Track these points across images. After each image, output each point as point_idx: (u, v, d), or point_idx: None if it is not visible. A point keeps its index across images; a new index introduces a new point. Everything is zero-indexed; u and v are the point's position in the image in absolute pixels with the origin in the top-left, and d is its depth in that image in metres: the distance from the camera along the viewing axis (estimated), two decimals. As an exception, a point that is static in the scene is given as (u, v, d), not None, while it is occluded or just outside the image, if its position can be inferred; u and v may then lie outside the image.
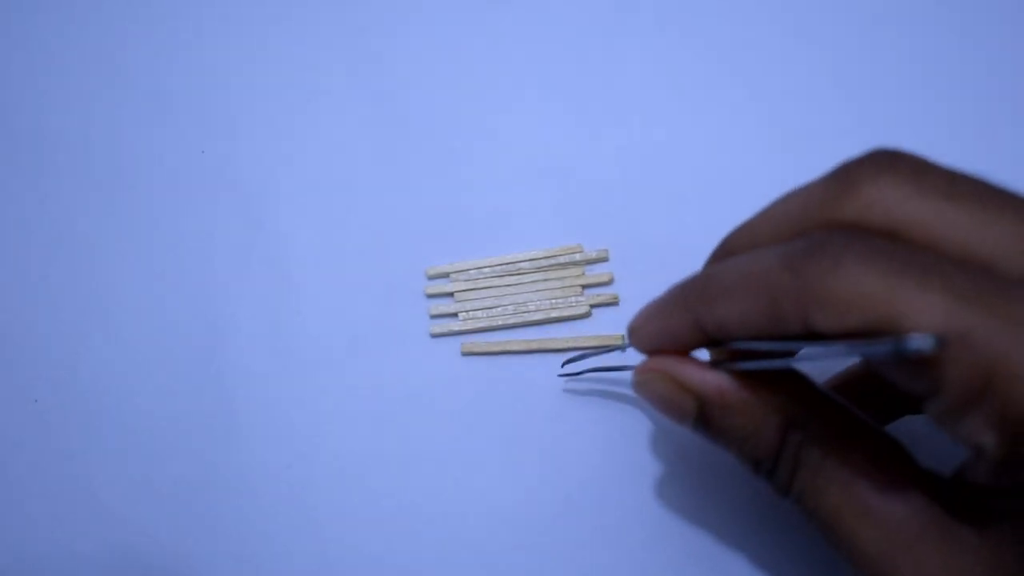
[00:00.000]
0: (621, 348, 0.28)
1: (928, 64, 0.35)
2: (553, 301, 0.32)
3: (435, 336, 0.32)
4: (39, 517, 0.30)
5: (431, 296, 0.32)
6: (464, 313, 0.32)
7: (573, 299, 0.32)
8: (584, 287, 0.32)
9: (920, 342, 0.17)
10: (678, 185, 0.33)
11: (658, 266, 0.30)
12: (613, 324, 0.31)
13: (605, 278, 0.32)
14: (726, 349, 0.23)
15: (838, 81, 0.35)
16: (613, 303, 0.32)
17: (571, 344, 0.31)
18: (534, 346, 0.31)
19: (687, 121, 0.35)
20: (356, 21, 0.37)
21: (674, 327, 0.23)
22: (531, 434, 0.30)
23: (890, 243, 0.19)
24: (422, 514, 0.29)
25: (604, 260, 0.32)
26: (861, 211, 0.20)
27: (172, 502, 0.30)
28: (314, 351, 0.32)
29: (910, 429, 0.25)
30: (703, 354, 0.24)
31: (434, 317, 0.32)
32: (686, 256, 0.32)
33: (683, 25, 0.36)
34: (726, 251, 0.24)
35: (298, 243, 0.33)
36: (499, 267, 0.32)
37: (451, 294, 0.32)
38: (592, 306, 0.32)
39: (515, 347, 0.31)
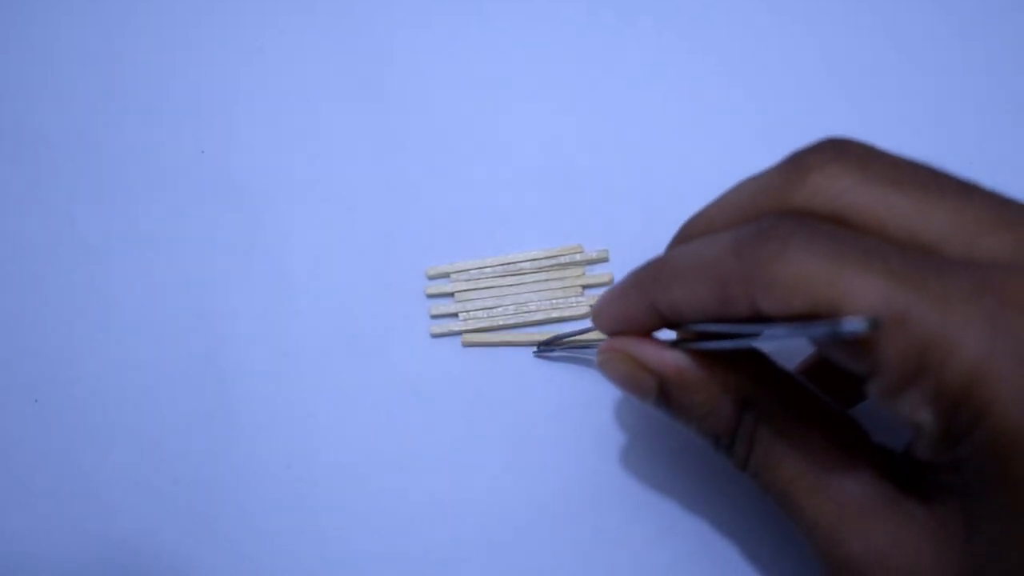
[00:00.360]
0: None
1: (927, 58, 0.35)
2: (553, 301, 0.32)
3: (435, 336, 0.32)
4: (39, 517, 0.30)
5: (431, 296, 0.32)
6: (464, 313, 0.32)
7: (573, 299, 0.32)
8: (584, 287, 0.32)
9: (854, 324, 0.17)
10: (678, 185, 0.33)
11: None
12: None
13: (605, 278, 0.32)
14: (688, 330, 0.24)
15: (840, 82, 0.35)
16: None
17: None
18: (534, 339, 0.31)
19: (687, 121, 0.35)
20: (356, 21, 0.37)
21: (631, 310, 0.24)
22: (532, 434, 0.30)
23: (835, 228, 0.20)
24: (422, 514, 0.29)
25: (604, 260, 0.32)
26: (810, 198, 0.21)
27: (172, 502, 0.30)
28: (314, 351, 0.32)
29: (871, 407, 0.26)
30: (668, 334, 0.25)
31: (434, 317, 0.32)
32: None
33: (684, 25, 0.36)
34: (684, 236, 0.25)
35: (298, 243, 0.33)
36: (499, 267, 0.32)
37: (451, 294, 0.32)
38: (592, 306, 0.32)
39: (516, 339, 0.31)
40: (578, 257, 0.32)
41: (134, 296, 0.33)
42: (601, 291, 0.32)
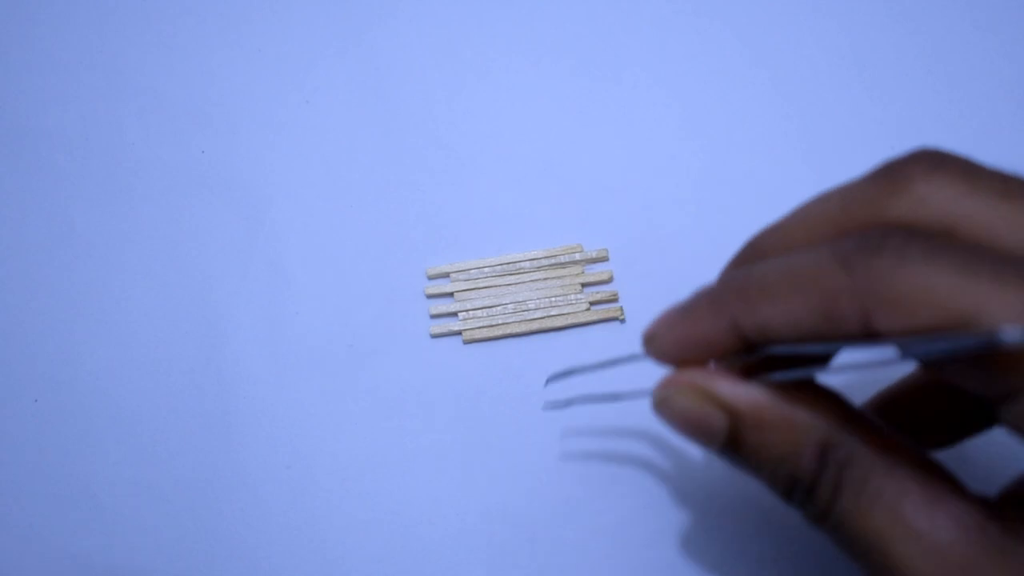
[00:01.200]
0: (633, 359, 0.23)
1: (924, 60, 0.35)
2: (553, 300, 0.32)
3: (435, 336, 0.32)
4: (39, 517, 0.30)
5: (431, 296, 0.32)
6: (464, 313, 0.32)
7: (573, 297, 0.32)
8: (584, 286, 0.32)
9: (1014, 334, 0.16)
10: (677, 185, 0.33)
11: (657, 265, 0.30)
12: (615, 335, 0.31)
13: (605, 276, 0.32)
14: (757, 356, 0.21)
15: (840, 83, 0.35)
16: (613, 300, 0.32)
17: (571, 321, 0.31)
18: (535, 327, 0.31)
19: (687, 121, 0.35)
20: (356, 21, 0.37)
21: (706, 332, 0.21)
22: (532, 434, 0.30)
23: (952, 241, 0.18)
24: (422, 514, 0.29)
25: (604, 260, 0.32)
26: (913, 208, 0.19)
27: (172, 502, 0.30)
28: (314, 351, 0.32)
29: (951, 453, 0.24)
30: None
31: (434, 317, 0.32)
32: (685, 255, 0.32)
33: (683, 25, 0.36)
34: (755, 252, 0.22)
35: (298, 243, 0.33)
36: (499, 267, 0.32)
37: (451, 294, 0.32)
38: (592, 304, 0.32)
39: (516, 330, 0.31)
40: (577, 256, 0.32)
41: (134, 296, 0.33)
42: (600, 289, 0.32)
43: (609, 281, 0.32)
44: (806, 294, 0.19)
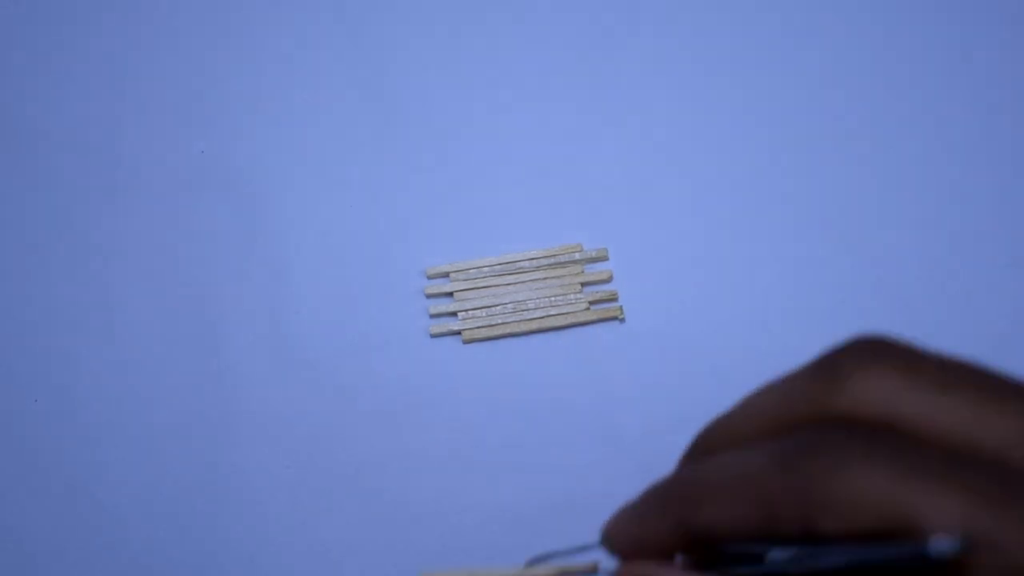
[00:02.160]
0: (592, 571, 0.25)
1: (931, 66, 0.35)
2: (552, 299, 0.32)
3: (435, 336, 0.32)
4: (39, 517, 0.30)
5: (430, 296, 0.32)
6: (464, 312, 0.32)
7: (572, 296, 0.32)
8: (583, 285, 0.32)
9: (944, 545, 0.16)
10: (677, 184, 0.33)
11: (657, 264, 0.30)
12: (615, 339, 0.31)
13: (604, 275, 0.32)
14: (699, 549, 0.22)
15: (840, 83, 0.35)
16: (612, 299, 0.32)
17: (571, 321, 0.31)
18: (534, 327, 0.31)
19: (686, 121, 0.35)
20: (356, 21, 0.37)
21: (653, 531, 0.22)
22: (531, 433, 0.30)
23: (894, 437, 0.18)
24: (421, 513, 0.29)
25: (604, 259, 0.32)
26: (853, 404, 0.19)
27: (172, 502, 0.30)
28: (313, 351, 0.32)
29: None
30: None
31: (434, 317, 0.32)
32: (684, 254, 0.32)
33: (683, 25, 0.36)
34: (704, 448, 0.23)
35: (297, 243, 0.33)
36: (499, 266, 0.32)
37: (451, 294, 0.32)
38: (591, 303, 0.32)
39: (515, 329, 0.31)
40: (577, 255, 0.32)
41: (134, 296, 0.33)
42: (600, 289, 0.32)
43: (609, 281, 0.32)
44: (747, 497, 0.19)
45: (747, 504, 0.19)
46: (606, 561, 0.24)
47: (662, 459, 0.29)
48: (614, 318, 0.31)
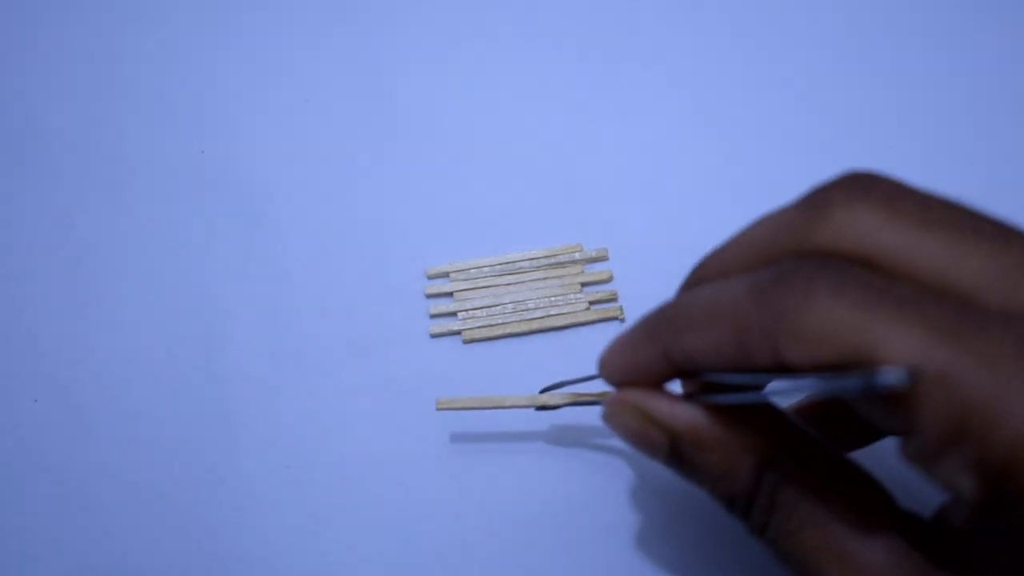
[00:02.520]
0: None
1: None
2: (552, 299, 0.32)
3: (435, 336, 0.32)
4: (39, 517, 0.30)
5: (431, 296, 0.32)
6: (464, 312, 0.32)
7: (572, 297, 0.32)
8: (583, 285, 0.32)
9: (891, 376, 0.16)
10: (677, 184, 0.33)
11: (657, 264, 0.30)
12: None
13: (605, 275, 0.32)
14: (699, 381, 0.22)
15: (842, 82, 0.35)
16: (612, 300, 0.32)
17: (571, 321, 0.31)
18: (534, 327, 0.31)
19: (687, 120, 0.35)
20: (356, 21, 0.37)
21: (642, 360, 0.22)
22: (532, 433, 0.30)
23: (863, 272, 0.18)
24: (421, 514, 0.29)
25: (604, 259, 0.32)
26: (833, 238, 0.19)
27: (171, 502, 0.30)
28: (313, 351, 0.32)
29: (888, 464, 0.24)
30: (676, 385, 0.24)
31: (434, 317, 0.32)
32: (685, 254, 0.32)
33: (683, 25, 0.36)
34: (697, 278, 0.23)
35: (298, 243, 0.33)
36: (499, 266, 0.32)
37: (451, 294, 0.32)
38: (591, 303, 0.32)
39: (515, 330, 0.31)
40: (577, 256, 0.32)
41: (134, 296, 0.33)
42: (600, 289, 0.32)
43: (609, 280, 0.32)
44: (723, 326, 0.20)
45: (723, 333, 0.20)
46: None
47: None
48: (614, 318, 0.31)
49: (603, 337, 0.31)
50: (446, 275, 0.32)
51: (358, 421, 0.31)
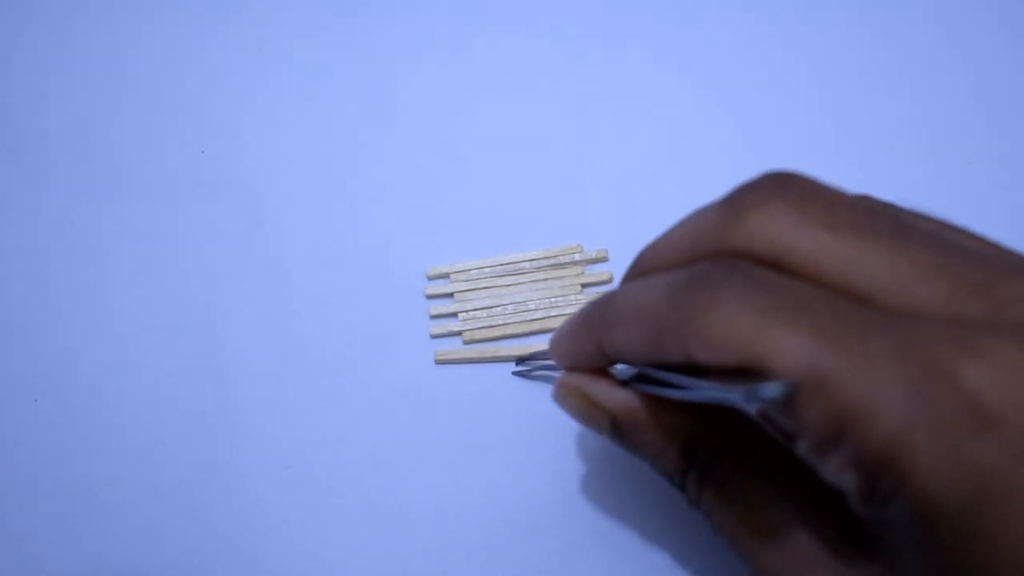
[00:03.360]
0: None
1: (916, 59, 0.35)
2: (553, 300, 0.32)
3: (435, 336, 0.32)
4: (39, 517, 0.30)
5: (431, 296, 0.32)
6: (464, 313, 0.32)
7: (573, 298, 0.32)
8: (584, 286, 0.32)
9: (770, 390, 0.17)
10: (678, 185, 0.33)
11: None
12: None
13: (605, 277, 0.32)
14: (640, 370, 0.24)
15: (842, 82, 0.35)
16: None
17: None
18: (535, 327, 0.31)
19: (687, 120, 0.35)
20: (356, 21, 0.37)
21: (581, 348, 0.24)
22: (532, 433, 0.30)
23: (767, 277, 0.19)
24: (421, 514, 0.29)
25: (604, 260, 0.32)
26: (747, 240, 0.20)
27: (172, 502, 0.30)
28: (314, 351, 0.32)
29: None
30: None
31: (434, 317, 0.32)
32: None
33: (684, 25, 0.36)
34: (635, 271, 0.24)
35: (298, 243, 0.33)
36: (499, 267, 0.32)
37: (451, 294, 0.32)
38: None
39: (516, 330, 0.31)
40: (577, 257, 0.32)
41: (134, 296, 0.33)
42: (600, 290, 0.32)
43: (609, 282, 0.32)
44: (642, 324, 0.21)
45: (642, 330, 0.21)
46: None
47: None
48: (614, 319, 0.31)
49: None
50: (446, 276, 0.32)
51: (358, 421, 0.31)
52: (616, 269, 0.32)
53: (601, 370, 0.25)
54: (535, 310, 0.32)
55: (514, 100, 0.35)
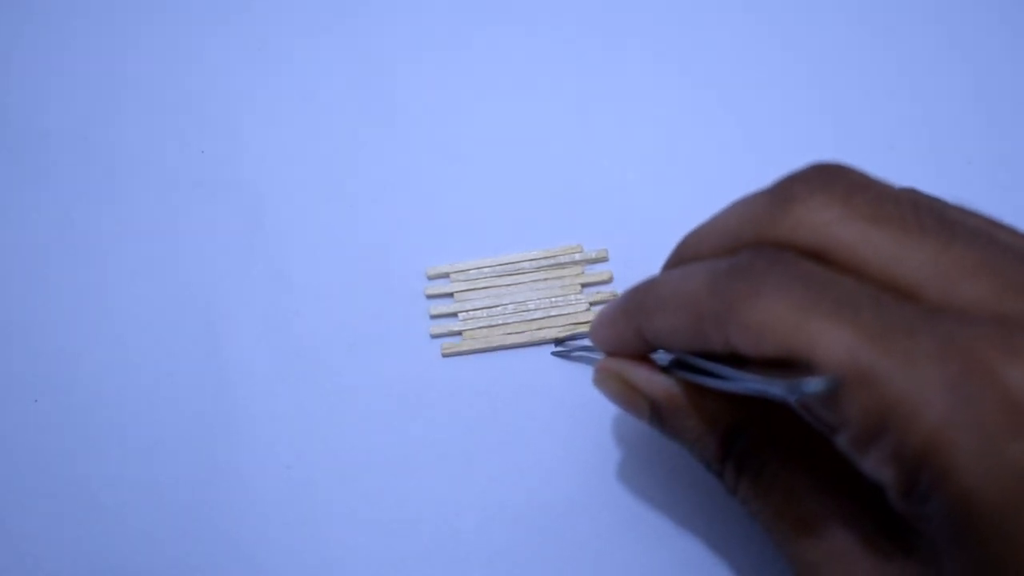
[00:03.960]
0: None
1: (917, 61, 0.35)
2: (553, 300, 0.32)
3: (435, 336, 0.32)
4: (39, 517, 0.30)
5: (431, 296, 0.32)
6: (464, 313, 0.32)
7: (573, 298, 0.32)
8: (584, 286, 0.32)
9: (814, 385, 0.17)
10: (678, 185, 0.33)
11: (657, 265, 0.30)
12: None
13: (605, 276, 0.32)
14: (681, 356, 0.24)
15: (842, 82, 0.35)
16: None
17: (571, 321, 0.31)
18: (534, 327, 0.31)
19: (687, 120, 0.35)
20: (356, 21, 0.37)
21: (621, 334, 0.24)
22: (532, 433, 0.30)
23: (811, 269, 0.19)
24: (422, 514, 0.29)
25: (604, 260, 0.32)
26: (791, 231, 0.20)
27: (172, 502, 0.30)
28: (314, 351, 0.32)
29: None
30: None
31: (434, 317, 0.32)
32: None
33: (684, 25, 0.36)
34: (677, 258, 0.25)
35: (298, 243, 0.33)
36: (499, 267, 0.32)
37: (451, 294, 0.32)
38: (592, 304, 0.32)
39: (514, 330, 0.31)
40: (577, 256, 0.32)
41: (134, 296, 0.33)
42: (600, 290, 0.32)
43: (609, 282, 0.32)
44: (684, 312, 0.21)
45: (684, 318, 0.21)
46: None
47: (661, 456, 0.30)
48: (614, 319, 0.31)
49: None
50: (446, 276, 0.32)
51: (358, 421, 0.31)
52: (616, 269, 0.32)
53: (641, 356, 0.25)
54: (535, 310, 0.32)
55: (514, 100, 0.35)
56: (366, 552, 0.29)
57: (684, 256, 0.24)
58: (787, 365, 0.18)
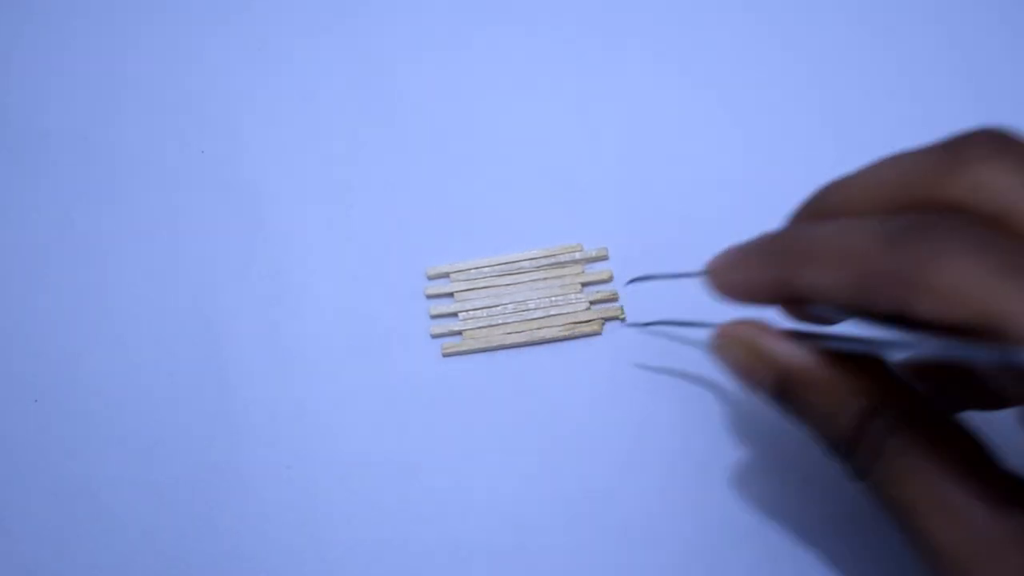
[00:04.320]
0: (699, 275, 0.25)
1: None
2: (553, 299, 0.32)
3: (435, 336, 0.32)
4: (39, 517, 0.30)
5: (431, 296, 0.32)
6: (464, 313, 0.32)
7: (573, 297, 0.32)
8: (584, 285, 0.32)
9: None
10: (677, 184, 0.33)
11: (657, 264, 0.30)
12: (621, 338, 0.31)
13: (605, 275, 0.32)
14: (805, 314, 0.22)
15: (842, 83, 0.35)
16: (612, 299, 0.32)
17: (571, 321, 0.31)
18: (535, 327, 0.31)
19: (687, 120, 0.35)
20: (356, 21, 0.37)
21: (755, 280, 0.22)
22: (532, 432, 0.30)
23: (998, 236, 0.18)
24: (422, 514, 0.29)
25: (604, 259, 0.32)
26: (968, 193, 0.19)
27: (172, 502, 0.30)
28: (314, 351, 0.32)
29: (996, 430, 0.24)
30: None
31: (434, 317, 0.32)
32: (685, 254, 0.32)
33: (684, 25, 0.36)
34: (815, 209, 0.23)
35: (298, 243, 0.33)
36: (499, 267, 0.32)
37: (451, 294, 0.32)
38: (592, 303, 0.32)
39: (516, 329, 0.31)
40: (577, 255, 0.32)
41: (134, 296, 0.33)
42: (600, 289, 0.32)
43: (609, 280, 0.32)
44: (847, 267, 0.20)
45: (849, 274, 0.19)
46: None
47: (661, 456, 0.30)
48: (615, 318, 0.31)
49: (604, 337, 0.31)
50: (446, 275, 0.32)
51: (358, 421, 0.31)
52: (616, 268, 0.32)
53: (765, 324, 0.23)
54: (535, 309, 0.32)
55: (514, 100, 0.35)
56: (366, 552, 0.29)
57: (827, 208, 0.22)
58: (970, 332, 0.17)
